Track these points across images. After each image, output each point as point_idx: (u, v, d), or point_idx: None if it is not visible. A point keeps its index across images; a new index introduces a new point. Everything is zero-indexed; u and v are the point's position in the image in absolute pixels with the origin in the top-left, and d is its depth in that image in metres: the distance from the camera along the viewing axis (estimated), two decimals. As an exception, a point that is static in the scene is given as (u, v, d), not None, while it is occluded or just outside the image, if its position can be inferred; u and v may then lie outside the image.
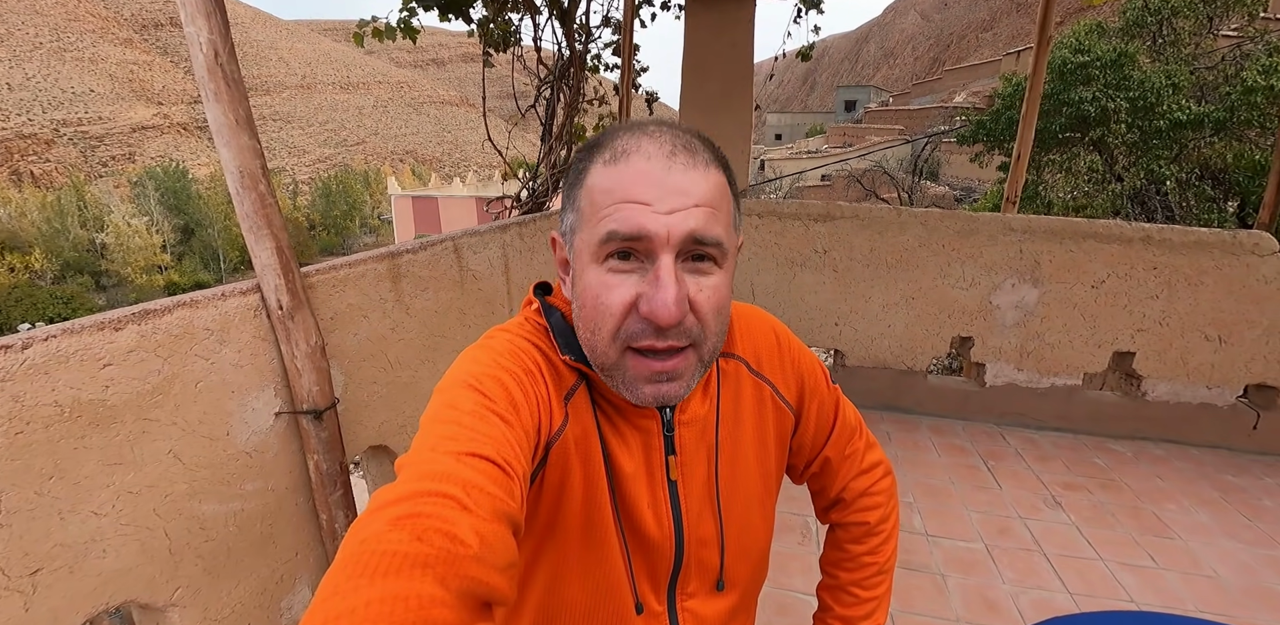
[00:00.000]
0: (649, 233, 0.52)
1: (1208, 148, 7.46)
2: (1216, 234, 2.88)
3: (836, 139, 41.09)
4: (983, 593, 2.03)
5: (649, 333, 0.55)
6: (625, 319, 0.55)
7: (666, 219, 0.52)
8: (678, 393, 0.58)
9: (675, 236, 0.53)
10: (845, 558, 0.82)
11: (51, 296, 31.03)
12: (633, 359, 0.56)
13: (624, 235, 0.53)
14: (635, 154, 0.54)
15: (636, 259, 0.55)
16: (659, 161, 0.54)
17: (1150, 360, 3.05)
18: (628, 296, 0.54)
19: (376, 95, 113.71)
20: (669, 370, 0.56)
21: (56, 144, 69.49)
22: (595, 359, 0.59)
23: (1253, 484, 2.73)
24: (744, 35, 3.39)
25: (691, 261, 0.55)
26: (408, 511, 0.41)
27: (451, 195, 26.65)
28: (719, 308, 0.57)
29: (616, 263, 0.55)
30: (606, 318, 0.55)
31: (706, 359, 0.59)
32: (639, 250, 0.54)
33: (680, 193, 0.53)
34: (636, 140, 0.55)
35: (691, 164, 0.54)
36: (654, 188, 0.53)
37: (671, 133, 0.57)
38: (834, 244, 3.26)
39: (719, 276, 0.57)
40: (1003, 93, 9.45)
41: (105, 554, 1.08)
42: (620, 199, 0.53)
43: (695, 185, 0.54)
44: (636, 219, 0.53)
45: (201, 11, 1.21)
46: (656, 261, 0.54)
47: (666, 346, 0.55)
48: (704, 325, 0.56)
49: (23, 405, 0.96)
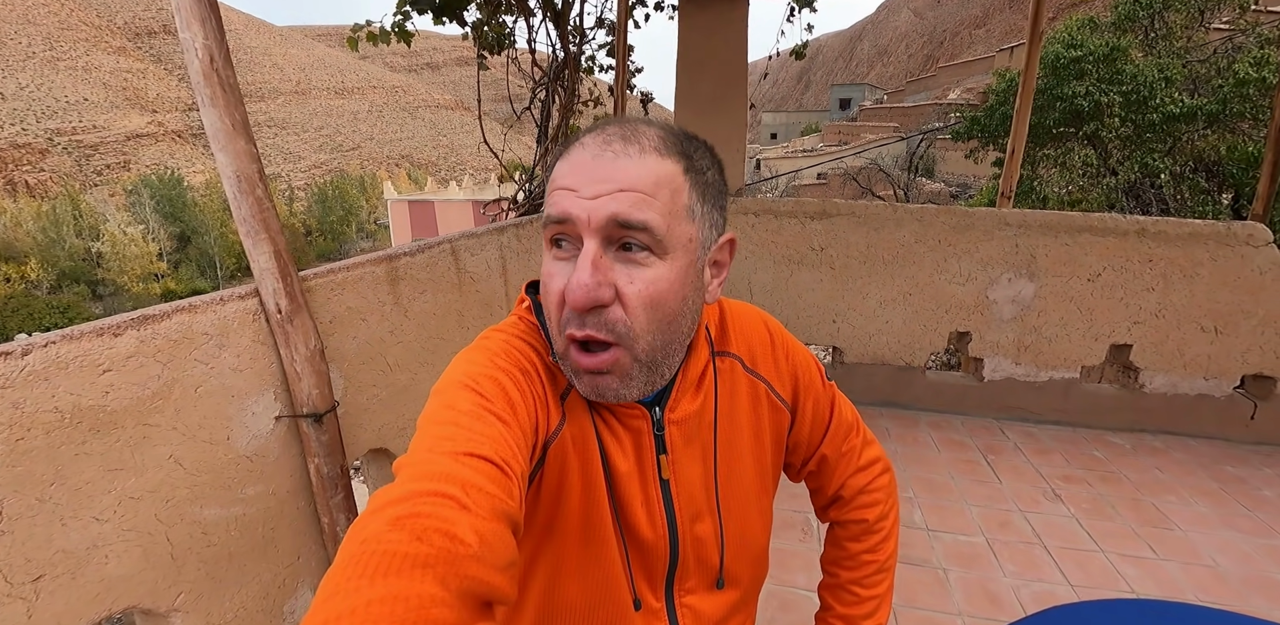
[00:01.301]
0: (571, 216, 0.53)
1: (1201, 140, 7.48)
2: (1211, 225, 2.89)
3: (832, 137, 41.12)
4: (984, 586, 2.04)
5: (574, 320, 0.55)
6: (562, 307, 0.56)
7: (588, 203, 0.53)
8: (613, 387, 0.57)
9: (595, 220, 0.53)
10: (845, 556, 0.82)
11: (48, 306, 30.97)
12: (573, 350, 0.57)
13: (554, 219, 0.55)
14: (576, 147, 0.56)
15: (571, 246, 0.56)
16: (591, 150, 0.55)
17: (1147, 352, 3.06)
18: (561, 284, 0.55)
19: (371, 100, 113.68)
20: (595, 366, 0.56)
21: (51, 153, 69.37)
22: (556, 348, 0.59)
23: (1251, 474, 2.74)
24: (737, 35, 3.39)
25: (623, 251, 0.54)
26: (407, 511, 0.41)
27: (448, 199, 26.62)
28: (652, 301, 0.55)
29: (556, 250, 0.57)
30: (551, 305, 0.57)
31: (645, 358, 0.57)
32: (570, 235, 0.55)
33: (604, 179, 0.53)
34: (588, 136, 0.57)
35: (624, 152, 0.54)
36: (581, 175, 0.54)
37: (620, 126, 0.57)
38: (831, 241, 3.27)
39: (658, 269, 0.55)
40: (996, 89, 9.48)
41: (107, 560, 1.08)
42: (555, 187, 0.55)
43: (622, 171, 0.53)
44: (562, 203, 0.54)
45: (196, 17, 1.21)
46: (582, 246, 0.55)
47: (584, 335, 0.55)
48: (632, 319, 0.54)
49: (23, 412, 0.96)
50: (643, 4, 3.87)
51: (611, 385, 0.57)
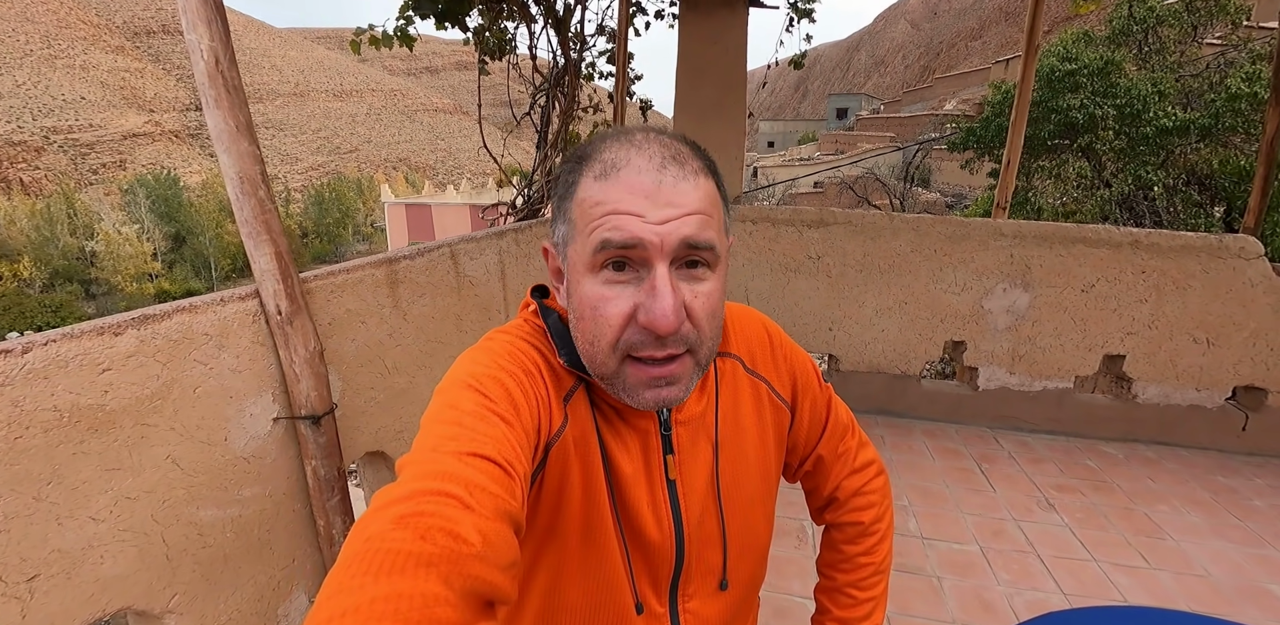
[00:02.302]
0: (642, 241, 0.53)
1: (1194, 154, 7.57)
2: (1203, 238, 2.92)
3: (829, 146, 41.32)
4: (978, 594, 2.04)
5: (649, 342, 0.55)
6: (624, 330, 0.55)
7: (659, 228, 0.53)
8: (677, 396, 0.59)
9: (669, 244, 0.53)
10: (841, 559, 0.82)
11: (40, 305, 30.73)
12: (632, 366, 0.57)
13: (618, 243, 0.53)
14: (625, 168, 0.55)
15: (631, 269, 0.55)
16: (650, 175, 0.54)
17: (1140, 363, 3.08)
18: (625, 307, 0.55)
19: (370, 103, 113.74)
20: (667, 375, 0.57)
21: (46, 151, 69.08)
22: (594, 368, 0.59)
23: (1243, 485, 2.76)
24: (737, 43, 3.42)
25: (685, 269, 0.56)
26: (411, 510, 0.41)
27: (445, 203, 26.61)
28: (713, 312, 0.58)
29: (612, 273, 0.55)
30: (605, 329, 0.56)
31: (704, 362, 0.60)
32: (633, 259, 0.54)
33: (670, 204, 0.54)
34: (625, 153, 0.56)
35: (681, 175, 0.55)
36: (645, 200, 0.53)
37: (660, 143, 0.57)
38: (827, 250, 3.29)
39: (713, 282, 0.58)
40: (992, 100, 9.57)
41: (103, 560, 1.07)
42: (611, 210, 0.54)
43: (686, 196, 0.54)
44: (629, 228, 0.53)
45: (202, 19, 1.22)
46: (652, 271, 0.54)
47: (665, 355, 0.56)
48: (700, 330, 0.57)
49: (22, 410, 0.96)
50: (643, 12, 3.91)
51: (676, 394, 0.59)
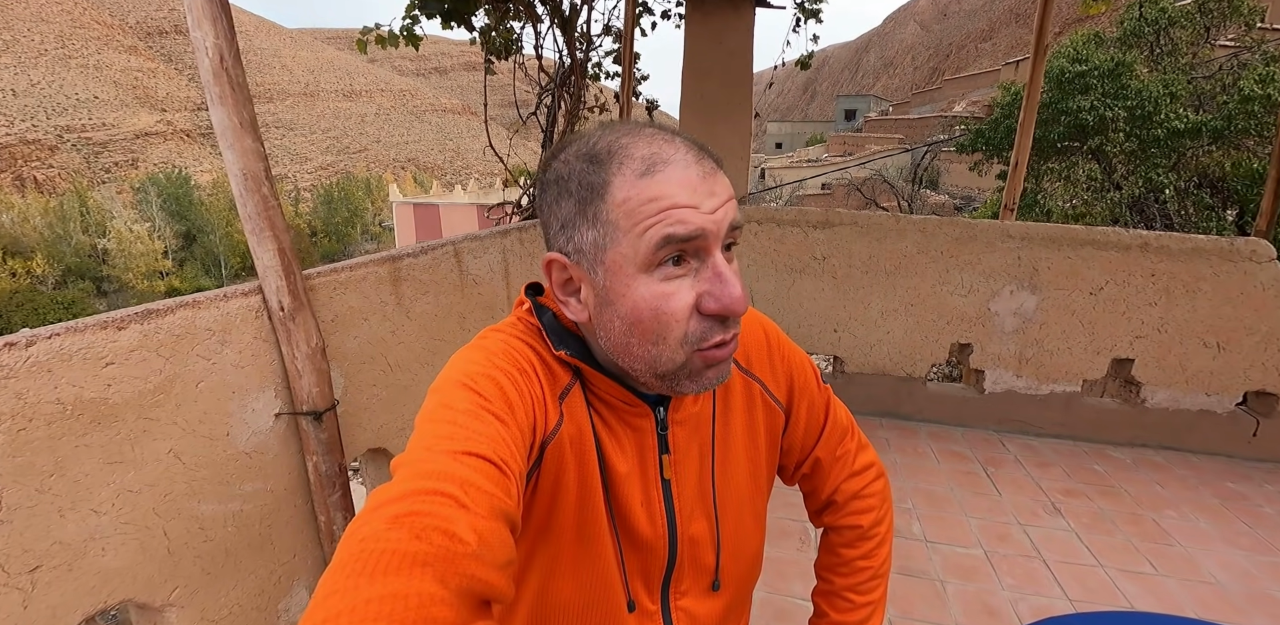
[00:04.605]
0: (705, 231, 0.55)
1: (1206, 156, 7.50)
2: (1214, 241, 2.89)
3: (836, 148, 41.25)
4: (982, 599, 2.02)
5: (717, 329, 0.57)
6: (689, 322, 0.56)
7: (712, 217, 0.55)
8: (729, 370, 0.61)
9: (722, 230, 0.56)
10: (839, 562, 0.82)
11: (53, 302, 31.07)
12: (699, 356, 0.58)
13: (682, 237, 0.54)
14: (671, 164, 0.56)
15: (686, 262, 0.56)
16: (694, 168, 0.56)
17: (1149, 367, 3.05)
18: (689, 300, 0.56)
19: (379, 103, 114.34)
20: (729, 354, 0.59)
21: (60, 150, 69.81)
22: (657, 368, 0.58)
23: (1253, 491, 2.73)
24: (743, 44, 3.42)
25: (725, 252, 0.59)
26: (406, 510, 0.41)
27: (453, 203, 26.73)
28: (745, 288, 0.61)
29: (671, 268, 0.55)
30: (672, 325, 0.56)
31: None
32: (689, 251, 0.56)
33: (713, 194, 0.56)
34: (660, 149, 0.57)
35: (712, 166, 0.58)
36: (695, 193, 0.55)
37: (681, 138, 0.60)
38: (833, 251, 3.27)
39: (737, 261, 0.61)
40: (1001, 102, 9.52)
41: (104, 552, 1.08)
42: (670, 205, 0.54)
43: (721, 185, 0.58)
44: (692, 220, 0.54)
45: (207, 16, 1.23)
46: (709, 258, 0.56)
47: (733, 335, 0.58)
48: None
49: (25, 402, 0.97)
50: (649, 12, 3.90)
51: (729, 369, 0.61)
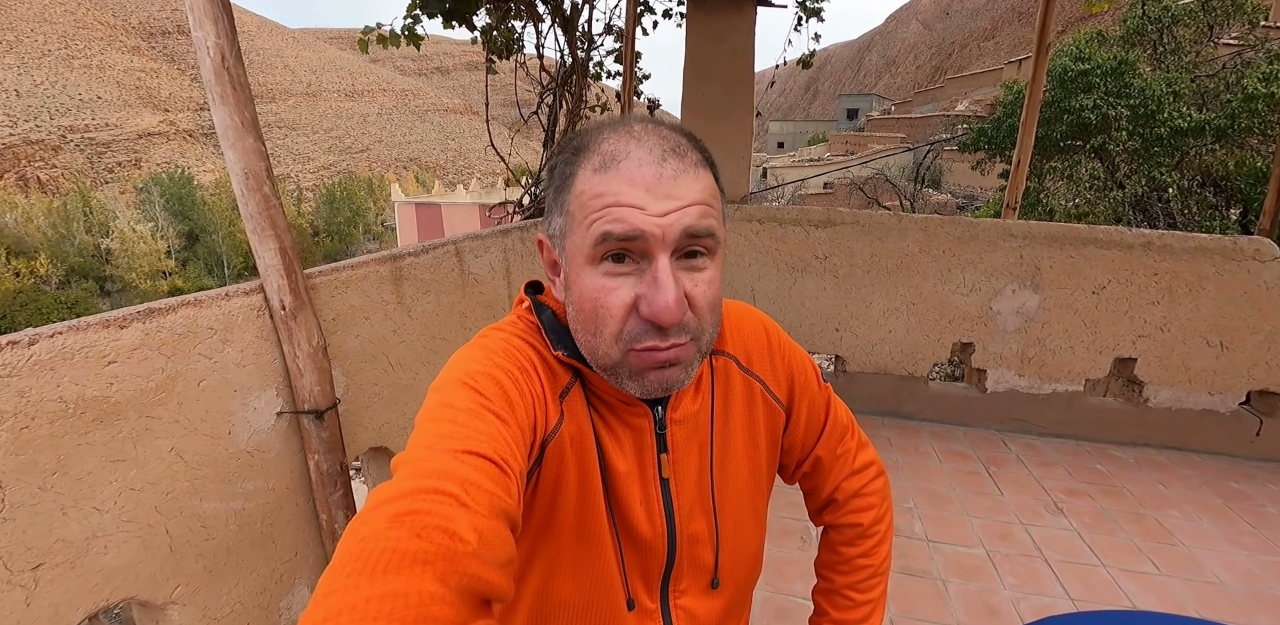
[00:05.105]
0: (644, 233, 0.53)
1: (1209, 155, 7.47)
2: (1217, 240, 2.88)
3: (839, 147, 41.20)
4: (984, 598, 2.02)
5: (651, 333, 0.55)
6: (626, 321, 0.55)
7: (660, 220, 0.53)
8: (679, 378, 0.58)
9: (670, 236, 0.53)
10: (839, 560, 0.82)
11: (56, 301, 31.18)
12: (634, 355, 0.56)
13: (619, 236, 0.53)
14: (625, 161, 0.54)
15: (632, 260, 0.55)
16: (650, 168, 0.54)
17: (1152, 366, 3.04)
18: (627, 298, 0.55)
19: (381, 103, 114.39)
20: (671, 359, 0.57)
21: (63, 150, 69.99)
22: (596, 360, 0.59)
23: (1256, 490, 2.72)
24: (745, 42, 3.41)
25: (685, 259, 0.56)
26: (406, 508, 0.41)
27: (455, 202, 26.75)
28: (714, 302, 0.58)
29: (612, 265, 0.55)
30: (607, 320, 0.55)
31: (704, 348, 0.60)
32: (634, 251, 0.54)
33: (670, 196, 0.53)
34: (625, 145, 0.55)
35: (681, 168, 0.55)
36: (646, 193, 0.53)
37: (659, 135, 0.57)
38: (834, 250, 3.27)
39: (712, 270, 0.58)
40: (1004, 101, 9.49)
41: (107, 550, 1.08)
42: (613, 202, 0.53)
43: (685, 188, 0.54)
44: (631, 220, 0.53)
45: (209, 16, 1.23)
46: (654, 263, 0.54)
47: (669, 345, 0.56)
48: (701, 319, 0.57)
49: (28, 401, 0.97)
50: (651, 11, 3.90)
51: (679, 376, 0.58)
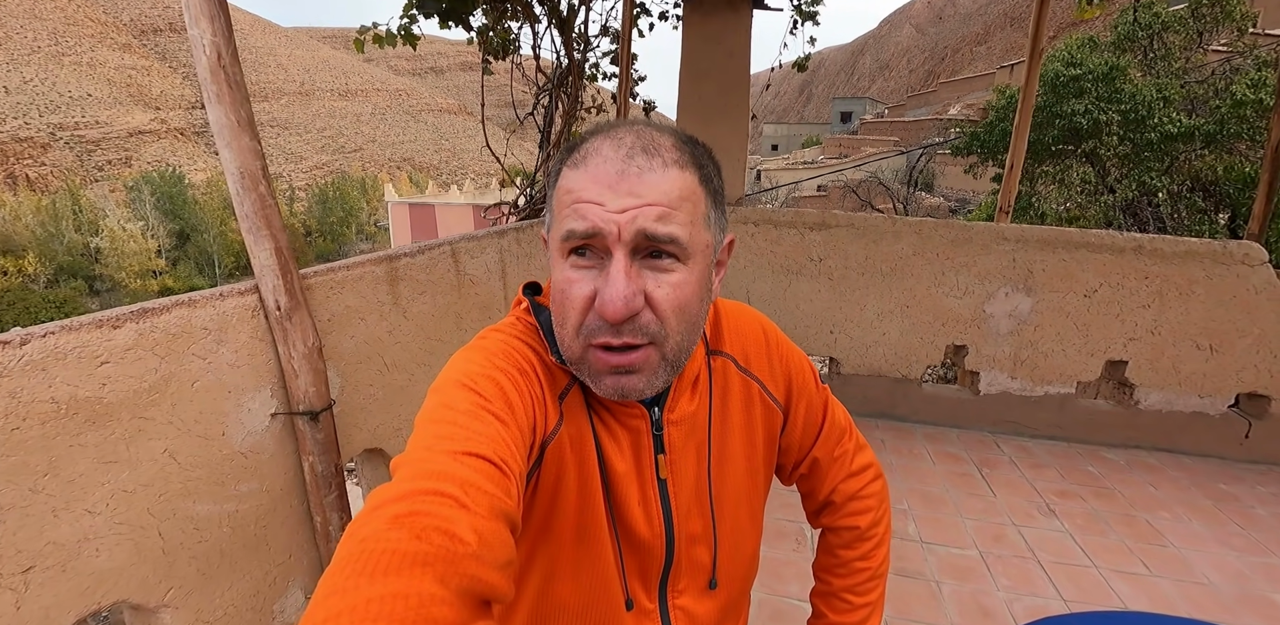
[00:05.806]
0: (600, 230, 0.54)
1: (1199, 160, 7.55)
2: (1207, 244, 2.91)
3: (832, 150, 41.37)
4: (977, 600, 2.03)
5: (604, 329, 0.55)
6: (586, 314, 0.56)
7: (617, 217, 0.53)
8: (638, 386, 0.58)
9: (626, 234, 0.54)
10: (837, 563, 0.82)
11: (44, 300, 30.85)
12: (594, 353, 0.57)
13: (580, 233, 0.54)
14: (594, 156, 0.56)
15: (595, 255, 0.56)
16: (614, 164, 0.55)
17: (1142, 369, 3.07)
18: (587, 291, 0.56)
19: (375, 103, 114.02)
20: (627, 364, 0.56)
21: (53, 148, 69.36)
22: (565, 352, 0.59)
23: (1245, 492, 2.75)
24: (740, 45, 3.42)
25: (650, 259, 0.56)
26: (406, 510, 0.41)
27: (448, 203, 26.66)
28: (680, 305, 0.57)
29: (576, 259, 0.56)
30: (570, 312, 0.57)
31: (671, 356, 0.58)
32: (595, 247, 0.55)
33: (630, 194, 0.54)
34: (599, 143, 0.57)
35: (649, 165, 0.55)
36: (606, 189, 0.54)
37: (636, 134, 0.57)
38: (829, 252, 3.28)
39: (682, 274, 0.57)
40: (996, 105, 9.55)
41: (98, 553, 1.07)
42: (577, 199, 0.55)
43: (648, 186, 0.54)
44: (589, 216, 0.54)
45: (205, 14, 1.22)
46: (610, 259, 0.55)
47: (621, 343, 0.56)
48: (664, 323, 0.56)
49: (19, 401, 0.96)
50: (647, 13, 3.91)
51: (637, 385, 0.58)
